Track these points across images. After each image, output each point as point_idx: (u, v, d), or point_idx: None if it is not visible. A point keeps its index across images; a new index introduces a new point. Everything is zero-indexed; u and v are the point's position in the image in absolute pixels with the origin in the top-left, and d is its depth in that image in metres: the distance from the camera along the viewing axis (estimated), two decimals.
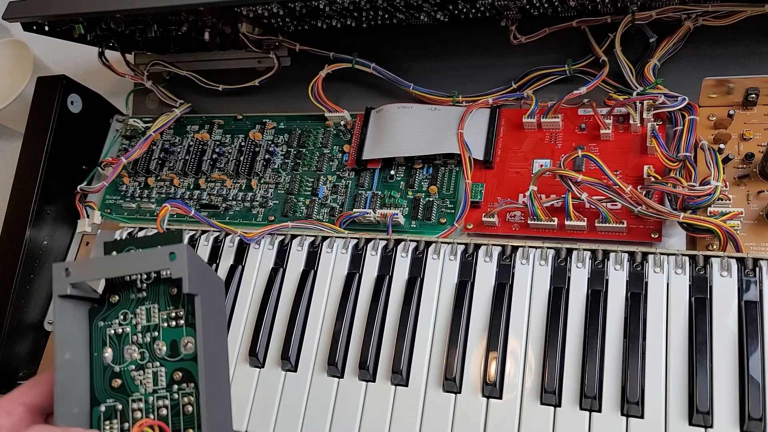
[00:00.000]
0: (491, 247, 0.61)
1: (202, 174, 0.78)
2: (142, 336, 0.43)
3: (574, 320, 0.56)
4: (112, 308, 0.44)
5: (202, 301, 0.41)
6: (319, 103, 0.75)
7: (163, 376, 0.42)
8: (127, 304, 0.44)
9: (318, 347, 0.62)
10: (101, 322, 0.44)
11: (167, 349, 0.42)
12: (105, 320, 0.44)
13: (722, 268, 0.54)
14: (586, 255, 0.58)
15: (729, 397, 0.50)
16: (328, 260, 0.65)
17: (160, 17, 0.76)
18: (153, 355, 0.43)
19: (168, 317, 0.43)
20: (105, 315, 0.44)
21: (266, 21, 0.75)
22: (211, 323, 0.43)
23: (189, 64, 0.85)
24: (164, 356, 0.42)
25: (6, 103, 0.89)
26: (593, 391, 0.52)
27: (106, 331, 0.44)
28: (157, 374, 0.42)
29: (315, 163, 0.75)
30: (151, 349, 0.43)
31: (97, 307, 0.44)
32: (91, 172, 0.81)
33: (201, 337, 0.41)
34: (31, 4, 0.73)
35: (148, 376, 0.42)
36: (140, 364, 0.43)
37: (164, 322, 0.43)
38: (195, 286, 0.41)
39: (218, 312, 0.45)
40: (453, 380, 0.56)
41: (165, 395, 0.42)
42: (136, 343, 0.43)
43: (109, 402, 0.42)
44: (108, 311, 0.44)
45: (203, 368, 0.40)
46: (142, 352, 0.43)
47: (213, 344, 0.42)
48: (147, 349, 0.43)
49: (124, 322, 0.43)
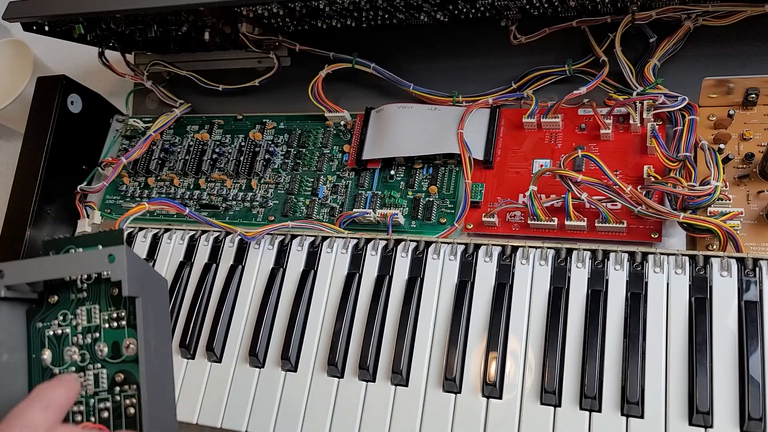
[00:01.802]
0: (491, 247, 0.61)
1: (202, 174, 0.78)
2: (82, 337, 0.42)
3: (574, 320, 0.56)
4: (51, 309, 0.43)
5: (143, 303, 0.41)
6: (319, 103, 0.75)
7: (104, 378, 0.41)
8: (67, 305, 0.43)
9: (318, 347, 0.62)
10: (40, 323, 0.43)
11: (109, 351, 0.42)
12: (44, 321, 0.43)
13: (722, 268, 0.54)
14: (586, 255, 0.58)
15: (729, 397, 0.50)
16: (328, 260, 0.65)
17: (160, 17, 0.76)
18: (94, 356, 0.42)
19: (109, 318, 0.42)
20: (44, 316, 0.43)
21: (266, 21, 0.75)
22: (154, 324, 0.42)
23: (189, 64, 0.85)
24: (105, 358, 0.42)
25: (6, 103, 0.89)
26: (593, 391, 0.52)
27: (45, 333, 0.43)
28: (99, 376, 0.41)
29: (315, 163, 0.75)
30: (92, 350, 0.42)
31: (35, 308, 0.43)
32: (91, 172, 0.82)
33: (143, 338, 0.40)
34: (31, 4, 0.73)
35: (89, 378, 0.41)
36: (81, 366, 0.42)
37: (105, 323, 0.42)
38: (135, 288, 0.40)
39: (161, 312, 0.44)
40: (453, 380, 0.56)
41: (106, 397, 0.41)
42: (76, 344, 0.42)
43: None
44: (47, 312, 0.43)
45: (145, 370, 0.40)
46: (83, 353, 0.42)
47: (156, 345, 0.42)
48: (88, 351, 0.42)
49: (64, 323, 0.43)
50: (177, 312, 0.68)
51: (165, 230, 0.74)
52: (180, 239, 0.72)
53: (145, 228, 0.75)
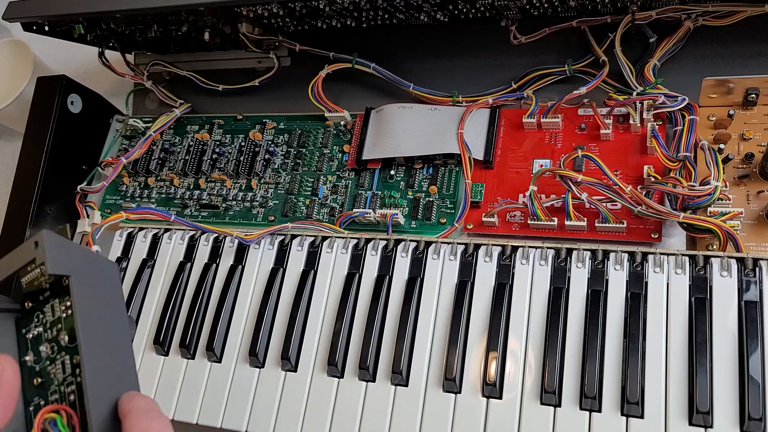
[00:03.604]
0: (491, 247, 0.61)
1: (202, 174, 0.78)
2: (51, 332, 0.44)
3: (574, 320, 0.56)
4: (28, 314, 0.46)
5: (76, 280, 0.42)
6: (319, 103, 0.75)
7: (68, 364, 0.43)
8: (38, 306, 0.45)
9: (318, 347, 0.62)
10: (23, 329, 0.46)
11: (68, 338, 0.43)
12: (26, 326, 0.46)
13: (722, 268, 0.54)
14: (586, 255, 0.58)
15: (729, 397, 0.50)
16: (328, 260, 0.65)
17: (160, 17, 0.76)
18: (59, 346, 0.44)
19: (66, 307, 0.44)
20: (25, 322, 0.46)
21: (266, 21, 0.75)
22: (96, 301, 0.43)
23: (189, 64, 0.85)
24: (67, 344, 0.43)
25: (6, 103, 0.89)
26: (593, 391, 0.52)
27: (26, 337, 0.45)
28: (64, 363, 0.43)
29: (315, 163, 0.75)
30: (57, 341, 0.44)
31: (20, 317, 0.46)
32: (91, 172, 0.82)
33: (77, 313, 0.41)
34: (31, 4, 0.73)
35: (58, 367, 0.43)
36: (52, 358, 0.44)
37: (63, 313, 0.44)
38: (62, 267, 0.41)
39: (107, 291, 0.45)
40: (453, 380, 0.56)
41: (71, 381, 0.42)
42: (47, 339, 0.44)
43: (35, 401, 0.44)
44: (27, 317, 0.46)
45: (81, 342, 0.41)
46: (52, 346, 0.44)
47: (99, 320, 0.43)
48: (55, 342, 0.44)
49: (38, 324, 0.45)
50: (177, 312, 0.68)
51: (165, 230, 0.74)
52: (180, 239, 0.72)
53: (145, 228, 0.75)
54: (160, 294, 0.70)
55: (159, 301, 0.69)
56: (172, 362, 0.66)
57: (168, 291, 0.69)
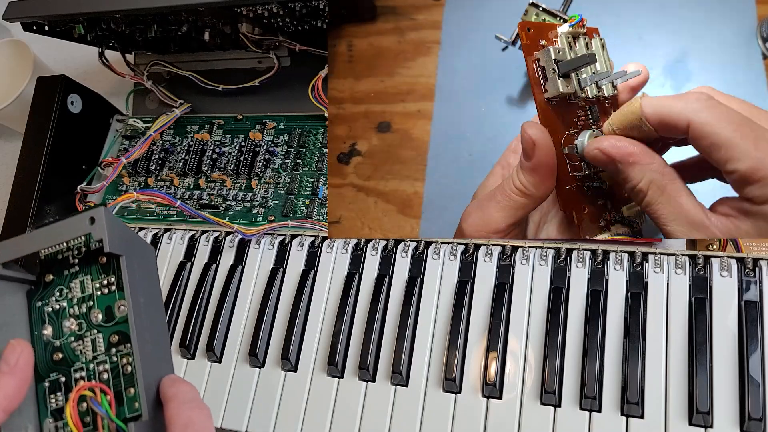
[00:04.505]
0: (491, 247, 0.61)
1: (202, 174, 0.78)
2: (78, 308, 0.44)
3: (574, 320, 0.56)
4: (48, 287, 0.45)
5: (127, 261, 0.42)
6: (319, 103, 0.75)
7: (101, 342, 0.43)
8: (62, 281, 0.45)
9: (318, 347, 0.62)
10: (39, 302, 0.45)
11: (103, 316, 0.43)
12: (42, 299, 0.45)
13: (722, 268, 0.54)
14: (586, 255, 0.58)
15: (729, 397, 0.50)
16: (328, 260, 0.65)
17: (160, 17, 0.76)
18: (90, 324, 0.44)
19: (101, 285, 0.44)
20: (42, 294, 0.45)
21: (266, 21, 0.75)
22: (141, 284, 0.43)
23: (189, 64, 0.85)
24: (101, 323, 0.43)
25: (6, 103, 0.89)
26: (593, 391, 0.52)
27: (44, 310, 0.45)
28: (96, 341, 0.43)
29: (315, 163, 0.75)
30: (88, 318, 0.44)
31: (34, 290, 0.45)
32: (91, 172, 0.81)
33: (129, 294, 0.42)
34: (31, 4, 0.73)
35: (87, 344, 0.43)
36: (78, 335, 0.44)
37: (98, 291, 0.44)
38: (117, 246, 0.42)
39: (149, 274, 0.46)
40: (453, 380, 0.56)
41: (104, 359, 0.42)
42: (73, 315, 0.44)
43: (52, 376, 0.43)
44: (44, 291, 0.45)
45: (134, 324, 0.41)
46: (80, 323, 0.44)
47: (145, 304, 0.43)
48: (84, 319, 0.44)
49: (61, 298, 0.45)
50: (177, 312, 0.68)
51: (165, 230, 0.74)
52: (180, 239, 0.72)
53: (145, 228, 0.75)
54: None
55: None
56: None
57: (168, 291, 0.69)
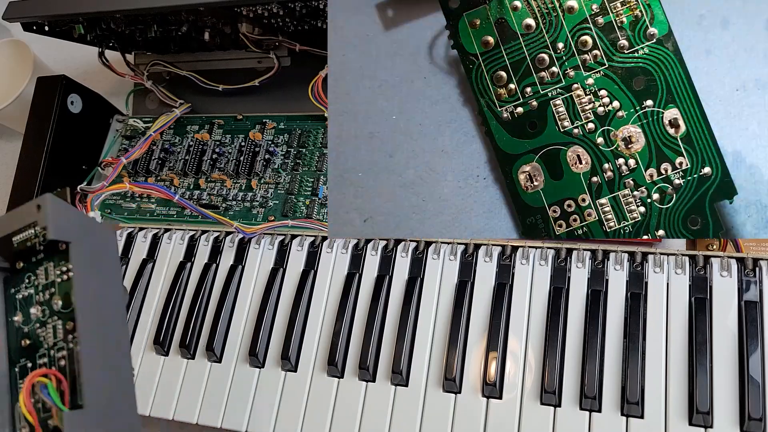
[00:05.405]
0: (491, 247, 0.61)
1: (202, 174, 0.78)
2: (42, 294, 0.44)
3: (574, 320, 0.56)
4: (19, 274, 0.46)
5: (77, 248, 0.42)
6: (319, 103, 0.75)
7: (60, 329, 0.43)
8: (30, 267, 0.45)
9: (318, 347, 0.62)
10: (12, 290, 0.46)
11: (62, 303, 0.43)
12: (15, 287, 0.46)
13: (722, 268, 0.54)
14: (586, 255, 0.58)
15: (729, 397, 0.50)
16: (328, 260, 0.65)
17: (160, 17, 0.76)
18: (51, 310, 0.44)
19: (60, 272, 0.44)
20: (15, 281, 0.46)
21: (266, 21, 0.75)
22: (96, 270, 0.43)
23: (189, 64, 0.85)
24: (60, 309, 0.43)
25: (6, 103, 0.89)
26: (593, 391, 0.52)
27: (15, 297, 0.45)
28: (56, 327, 0.43)
29: (315, 163, 0.75)
30: (50, 305, 0.44)
31: (10, 277, 0.46)
32: (91, 172, 0.82)
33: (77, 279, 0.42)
34: (31, 4, 0.73)
35: (49, 331, 0.43)
36: (42, 321, 0.44)
37: (58, 278, 0.44)
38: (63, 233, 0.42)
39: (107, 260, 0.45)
40: (453, 380, 0.56)
41: (62, 346, 0.42)
42: (38, 302, 0.44)
43: (21, 362, 0.44)
44: (17, 278, 0.46)
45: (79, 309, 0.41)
46: (44, 309, 0.44)
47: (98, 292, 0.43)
48: (47, 306, 0.44)
49: (29, 285, 0.45)
50: (177, 312, 0.68)
51: (165, 230, 0.74)
52: (180, 239, 0.72)
53: (145, 228, 0.75)
54: (160, 294, 0.70)
55: (159, 301, 0.69)
56: (172, 362, 0.66)
57: (168, 291, 0.69)
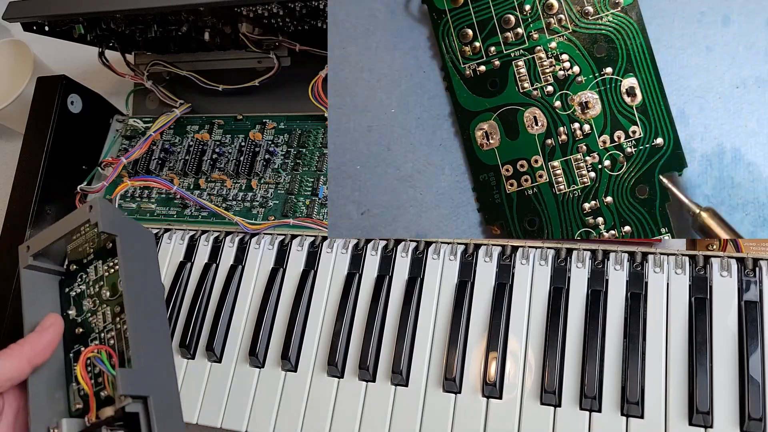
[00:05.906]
0: (491, 247, 0.61)
1: (202, 174, 0.78)
2: (92, 288, 0.52)
3: (574, 320, 0.56)
4: (72, 275, 0.54)
5: (123, 241, 0.50)
6: (319, 103, 0.75)
7: (109, 314, 0.50)
8: (82, 268, 0.53)
9: (318, 347, 0.62)
10: (66, 288, 0.54)
11: (110, 293, 0.51)
12: (69, 286, 0.54)
13: (722, 268, 0.54)
14: (586, 255, 0.58)
15: (729, 397, 0.50)
16: (328, 260, 0.65)
17: (160, 17, 0.76)
18: (101, 300, 0.51)
19: (108, 267, 0.52)
20: (69, 282, 0.54)
21: (266, 21, 0.75)
22: (137, 262, 0.51)
23: (189, 64, 0.85)
24: (108, 298, 0.51)
25: (6, 103, 0.89)
26: (593, 391, 0.52)
27: (70, 294, 0.53)
28: (105, 314, 0.51)
29: (315, 163, 0.75)
30: (100, 295, 0.52)
31: (64, 279, 0.54)
32: (91, 172, 0.82)
33: (122, 267, 0.49)
34: (31, 4, 0.73)
35: (99, 317, 0.51)
36: (93, 311, 0.51)
37: (106, 272, 0.52)
38: (110, 227, 0.49)
39: (146, 256, 0.53)
40: (453, 380, 0.56)
41: (111, 328, 0.50)
42: (89, 295, 0.52)
43: (75, 347, 0.51)
44: (70, 278, 0.54)
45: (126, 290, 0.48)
46: (94, 300, 0.52)
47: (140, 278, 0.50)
48: (97, 297, 0.52)
49: (81, 283, 0.53)
50: (177, 312, 0.68)
51: (165, 230, 0.74)
52: (180, 239, 0.72)
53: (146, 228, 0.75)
54: None
55: None
56: None
57: (168, 291, 0.69)
